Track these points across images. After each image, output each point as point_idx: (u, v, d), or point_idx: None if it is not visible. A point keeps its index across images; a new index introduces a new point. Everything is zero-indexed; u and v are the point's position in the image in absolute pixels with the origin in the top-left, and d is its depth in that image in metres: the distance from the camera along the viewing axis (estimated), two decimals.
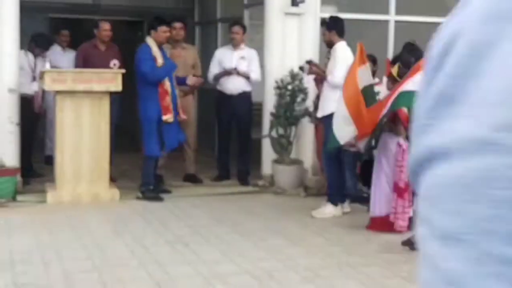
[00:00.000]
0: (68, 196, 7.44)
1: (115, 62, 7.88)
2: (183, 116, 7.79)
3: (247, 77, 8.54)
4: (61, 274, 5.03)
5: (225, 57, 8.67)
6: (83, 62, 8.21)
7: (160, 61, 7.60)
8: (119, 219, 6.77)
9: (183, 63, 8.21)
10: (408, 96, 5.95)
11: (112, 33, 8.58)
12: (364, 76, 6.46)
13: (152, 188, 7.76)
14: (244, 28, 8.75)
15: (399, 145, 6.35)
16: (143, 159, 7.80)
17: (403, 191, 6.31)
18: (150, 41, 7.68)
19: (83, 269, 5.17)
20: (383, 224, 6.48)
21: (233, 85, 8.55)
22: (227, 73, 8.52)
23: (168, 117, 7.60)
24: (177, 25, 8.47)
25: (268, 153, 8.50)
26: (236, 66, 8.50)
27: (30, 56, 8.39)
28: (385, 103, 6.23)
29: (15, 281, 4.87)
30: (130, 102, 7.81)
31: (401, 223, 6.37)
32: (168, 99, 7.61)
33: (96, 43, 8.35)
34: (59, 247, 5.71)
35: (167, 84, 7.67)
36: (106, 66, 7.96)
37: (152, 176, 7.75)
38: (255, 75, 8.58)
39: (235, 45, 8.63)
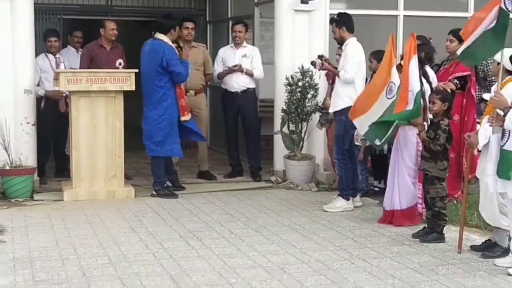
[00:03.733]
0: (84, 194, 7.58)
1: (120, 62, 7.98)
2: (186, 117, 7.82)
3: (250, 74, 8.65)
4: (78, 270, 5.15)
5: (227, 56, 8.79)
6: (89, 61, 8.29)
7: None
8: (134, 215, 6.89)
9: (193, 61, 8.30)
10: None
11: (126, 33, 8.67)
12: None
13: (166, 186, 7.87)
14: (246, 26, 8.87)
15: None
16: (151, 158, 7.86)
17: None
18: (167, 39, 7.67)
19: (100, 264, 5.29)
20: (403, 217, 6.48)
21: (237, 83, 8.67)
22: (230, 70, 8.63)
23: (186, 117, 7.73)
24: (189, 24, 8.56)
25: (280, 149, 8.60)
26: (239, 63, 8.61)
27: (51, 56, 8.54)
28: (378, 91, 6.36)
29: (34, 277, 5.00)
30: (139, 101, 7.89)
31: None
32: (183, 101, 7.72)
33: (102, 43, 8.41)
34: (76, 244, 5.84)
35: (182, 84, 7.78)
36: (112, 65, 8.04)
37: (163, 174, 7.83)
38: (257, 72, 8.70)
39: (237, 44, 8.75)
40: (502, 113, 5.11)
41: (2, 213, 6.96)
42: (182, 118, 7.71)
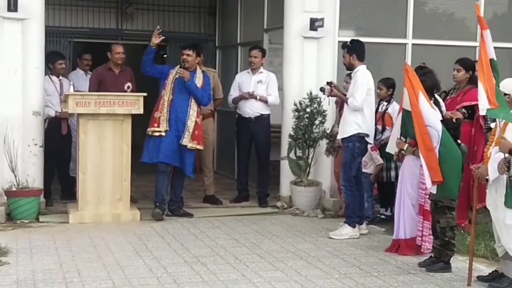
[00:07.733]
0: (89, 217, 7.57)
1: (129, 85, 8.01)
2: (195, 144, 7.77)
3: (264, 101, 8.66)
4: None
5: (244, 81, 8.81)
6: (98, 84, 8.31)
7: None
8: (139, 239, 6.86)
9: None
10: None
11: (137, 57, 8.70)
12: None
13: (158, 204, 7.81)
14: (263, 51, 8.89)
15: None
16: None
17: (429, 213, 6.26)
18: None
19: None
20: (407, 247, 6.44)
21: (250, 109, 8.68)
22: (243, 97, 8.66)
23: (151, 130, 7.69)
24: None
25: (286, 174, 8.59)
26: (254, 90, 8.63)
27: (54, 79, 8.58)
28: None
29: None
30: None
31: (428, 245, 6.29)
32: (158, 114, 7.70)
33: (110, 66, 8.46)
34: (80, 267, 5.81)
35: (165, 98, 7.74)
36: (121, 89, 8.09)
37: (159, 193, 7.83)
38: (272, 98, 8.69)
39: (253, 69, 8.76)
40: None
41: (7, 235, 6.95)
42: (148, 129, 7.72)
